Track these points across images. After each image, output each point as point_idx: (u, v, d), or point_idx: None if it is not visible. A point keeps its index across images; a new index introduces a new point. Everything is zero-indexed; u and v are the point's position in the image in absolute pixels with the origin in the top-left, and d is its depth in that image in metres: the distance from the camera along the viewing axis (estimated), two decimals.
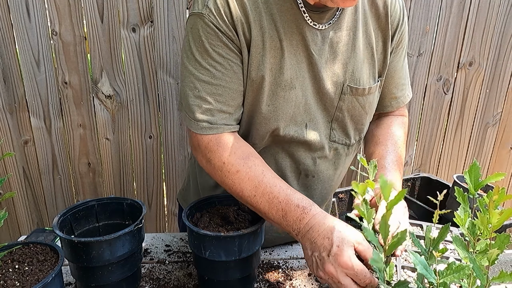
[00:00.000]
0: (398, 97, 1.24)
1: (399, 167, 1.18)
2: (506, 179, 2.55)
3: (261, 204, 0.98)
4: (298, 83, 1.04)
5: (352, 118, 1.15)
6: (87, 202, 1.12)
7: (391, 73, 1.20)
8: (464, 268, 0.70)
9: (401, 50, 1.19)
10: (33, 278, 0.86)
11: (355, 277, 0.85)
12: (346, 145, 1.19)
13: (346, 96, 1.10)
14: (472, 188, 0.88)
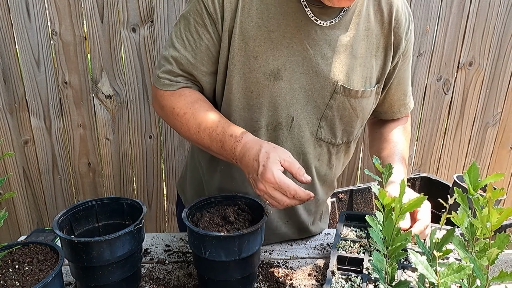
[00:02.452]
0: (407, 103, 1.29)
1: (405, 164, 1.22)
2: (506, 179, 2.55)
3: (204, 139, 1.06)
4: (286, 75, 1.06)
5: (341, 119, 1.15)
6: (87, 202, 1.12)
7: (400, 80, 1.22)
8: (465, 268, 0.70)
9: (408, 58, 1.20)
10: (33, 278, 0.86)
11: (281, 189, 0.92)
12: (331, 144, 1.19)
13: (338, 96, 1.10)
14: (471, 189, 0.88)
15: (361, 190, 1.97)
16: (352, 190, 1.96)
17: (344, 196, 1.96)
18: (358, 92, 1.11)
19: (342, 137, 1.19)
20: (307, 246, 1.29)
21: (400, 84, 1.23)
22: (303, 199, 0.93)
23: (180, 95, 1.11)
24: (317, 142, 1.17)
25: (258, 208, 1.10)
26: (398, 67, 1.18)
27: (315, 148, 1.18)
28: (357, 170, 2.38)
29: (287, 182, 0.92)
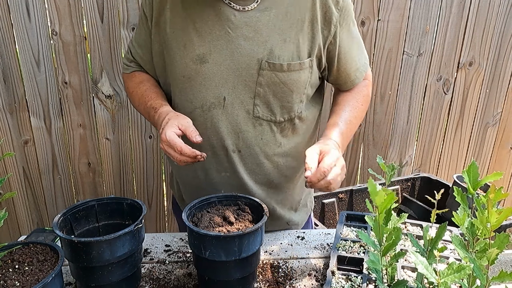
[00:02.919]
0: (359, 67, 1.29)
1: (351, 125, 1.28)
2: (506, 179, 2.55)
3: (143, 112, 1.28)
4: (212, 58, 1.16)
5: (275, 95, 1.19)
6: (87, 202, 1.12)
7: (347, 49, 1.24)
8: (465, 268, 0.70)
9: (346, 26, 1.21)
10: (33, 278, 0.86)
11: (171, 146, 1.07)
12: (272, 122, 1.22)
13: (264, 72, 1.15)
14: (471, 188, 0.88)
15: (361, 190, 1.97)
16: (352, 190, 1.96)
17: (344, 196, 1.96)
18: (283, 65, 1.15)
19: (282, 114, 1.21)
20: (307, 246, 1.29)
21: (348, 52, 1.25)
22: (189, 155, 1.06)
23: (132, 76, 1.33)
24: (256, 121, 1.21)
25: (258, 208, 1.10)
26: (339, 37, 1.20)
27: (254, 127, 1.21)
28: (357, 170, 2.38)
29: (174, 140, 1.06)
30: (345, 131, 1.23)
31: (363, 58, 1.31)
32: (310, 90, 1.25)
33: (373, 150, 2.34)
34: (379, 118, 2.26)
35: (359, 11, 2.05)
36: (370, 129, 2.29)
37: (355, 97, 1.32)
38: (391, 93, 2.22)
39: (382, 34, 2.10)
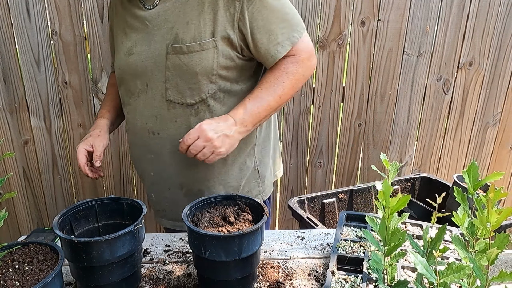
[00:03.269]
0: (281, 41, 1.22)
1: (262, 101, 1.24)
2: (506, 179, 2.55)
3: None
4: (136, 50, 1.29)
5: (181, 77, 1.24)
6: (87, 202, 1.12)
7: (260, 23, 1.20)
8: (465, 268, 0.70)
9: (255, 4, 1.18)
10: (33, 278, 0.86)
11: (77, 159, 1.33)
12: (185, 105, 1.27)
13: (170, 56, 1.23)
14: (471, 188, 0.88)
15: (361, 190, 1.97)
16: (352, 190, 1.96)
17: (344, 196, 1.96)
18: (183, 47, 1.21)
19: (192, 96, 1.26)
20: (307, 246, 1.29)
21: (264, 26, 1.20)
22: (84, 173, 1.32)
23: (111, 77, 1.56)
24: (170, 104, 1.28)
25: (258, 208, 1.10)
26: (247, 12, 1.18)
27: (169, 110, 1.29)
28: (357, 170, 2.38)
29: (78, 156, 1.31)
30: (250, 108, 1.23)
31: (289, 32, 1.23)
32: (223, 71, 1.25)
33: (373, 150, 2.34)
34: (379, 118, 2.26)
35: (359, 11, 2.05)
36: (370, 129, 2.29)
37: (275, 74, 1.25)
38: (391, 93, 2.22)
39: (382, 34, 2.10)
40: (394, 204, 0.86)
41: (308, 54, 1.28)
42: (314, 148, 2.29)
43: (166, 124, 1.30)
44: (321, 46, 2.09)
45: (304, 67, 1.27)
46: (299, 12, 2.00)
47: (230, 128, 1.21)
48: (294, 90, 1.28)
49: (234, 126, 1.21)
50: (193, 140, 1.19)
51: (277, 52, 1.23)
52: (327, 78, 2.15)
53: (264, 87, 1.25)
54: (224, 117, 1.22)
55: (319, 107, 2.21)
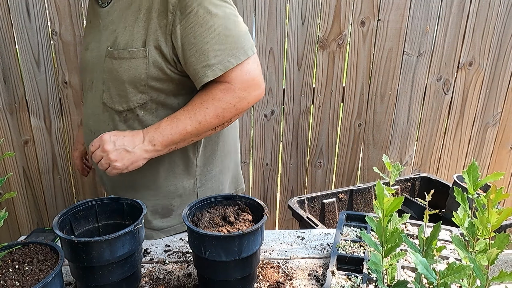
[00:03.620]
0: (212, 64, 1.11)
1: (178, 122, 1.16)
2: (506, 179, 2.55)
3: None
4: (91, 47, 1.28)
5: (113, 82, 1.22)
6: (87, 202, 1.12)
7: (191, 40, 1.11)
8: (465, 268, 0.70)
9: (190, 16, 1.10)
10: (33, 278, 0.86)
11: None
12: (114, 110, 1.25)
13: (107, 59, 1.21)
14: (471, 188, 0.88)
15: (361, 190, 1.97)
16: (352, 190, 1.96)
17: (344, 196, 1.96)
18: (114, 52, 1.18)
19: (120, 103, 1.23)
20: (307, 246, 1.29)
21: (196, 44, 1.11)
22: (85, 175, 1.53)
23: None
24: (104, 107, 1.26)
25: (258, 208, 1.10)
26: (180, 26, 1.11)
27: (103, 112, 1.27)
28: (357, 170, 2.38)
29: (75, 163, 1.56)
30: (164, 127, 1.16)
31: (225, 55, 1.11)
32: (155, 82, 1.18)
33: (373, 150, 2.34)
34: (379, 118, 2.26)
35: (359, 11, 2.05)
36: (370, 129, 2.29)
37: (202, 97, 1.16)
38: (391, 93, 2.22)
39: (382, 34, 2.10)
40: (388, 206, 0.86)
41: (244, 85, 1.14)
42: (314, 148, 2.29)
43: (100, 125, 1.28)
44: (321, 46, 2.09)
45: (236, 98, 1.14)
46: (299, 12, 2.00)
47: (133, 144, 1.15)
48: (219, 120, 1.16)
49: (140, 143, 1.16)
50: (94, 148, 1.18)
51: (204, 75, 1.12)
52: (327, 78, 2.15)
53: (186, 109, 1.16)
54: (136, 132, 1.18)
55: (319, 107, 2.21)
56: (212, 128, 1.19)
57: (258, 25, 2.02)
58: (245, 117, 2.17)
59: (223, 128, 1.24)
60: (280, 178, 2.35)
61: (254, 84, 1.16)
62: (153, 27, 1.13)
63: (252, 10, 1.99)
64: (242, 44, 1.13)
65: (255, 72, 1.16)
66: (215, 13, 1.11)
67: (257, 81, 1.17)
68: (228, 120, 1.18)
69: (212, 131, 1.20)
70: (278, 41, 2.05)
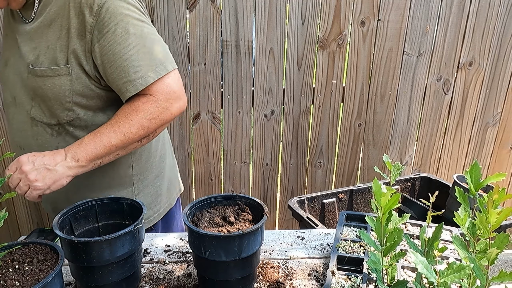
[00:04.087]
0: (133, 79, 1.15)
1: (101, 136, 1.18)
2: (506, 179, 2.55)
3: None
4: (10, 63, 1.28)
5: (41, 98, 1.22)
6: (87, 202, 1.12)
7: (111, 57, 1.15)
8: (465, 268, 0.70)
9: (109, 33, 1.13)
10: (33, 278, 0.86)
11: None
12: (46, 124, 1.26)
13: (30, 76, 1.21)
14: (473, 188, 0.88)
15: (361, 190, 1.97)
16: (352, 190, 1.96)
17: (344, 196, 1.96)
18: (37, 70, 1.19)
19: (50, 117, 1.24)
20: (307, 246, 1.29)
21: (115, 62, 1.15)
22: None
23: None
24: (33, 121, 1.26)
25: (258, 208, 1.10)
26: (98, 45, 1.14)
27: (31, 127, 1.27)
28: (357, 170, 2.38)
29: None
30: (87, 143, 1.17)
31: (145, 71, 1.16)
32: (81, 99, 1.21)
33: (373, 150, 2.34)
34: (379, 118, 2.26)
35: (359, 11, 2.05)
36: (370, 129, 2.29)
37: (125, 110, 1.19)
38: (391, 93, 2.22)
39: (382, 34, 2.10)
40: (386, 203, 0.86)
41: (166, 96, 1.19)
42: (314, 148, 2.29)
43: (29, 141, 1.28)
44: (321, 46, 2.09)
45: (159, 109, 1.18)
46: (299, 12, 2.01)
47: (54, 162, 1.14)
48: (144, 131, 1.19)
49: (62, 161, 1.15)
50: (11, 172, 1.14)
51: (126, 90, 1.17)
52: (327, 78, 2.15)
53: (110, 123, 1.18)
54: (57, 151, 1.18)
55: (319, 107, 2.21)
56: (137, 140, 1.21)
57: (258, 25, 2.02)
58: (245, 117, 2.17)
59: (148, 141, 1.25)
60: (280, 178, 2.35)
61: (176, 97, 1.21)
62: (73, 45, 1.16)
63: (252, 10, 1.99)
64: (162, 60, 1.19)
65: (176, 86, 1.21)
66: (133, 32, 1.15)
67: (178, 94, 1.22)
68: (153, 131, 1.21)
69: (138, 144, 1.22)
70: (278, 41, 2.05)
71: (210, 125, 2.17)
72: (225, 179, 2.30)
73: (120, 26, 1.14)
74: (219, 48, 2.03)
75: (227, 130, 2.19)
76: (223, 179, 2.30)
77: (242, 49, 2.04)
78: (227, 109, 2.15)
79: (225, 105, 2.14)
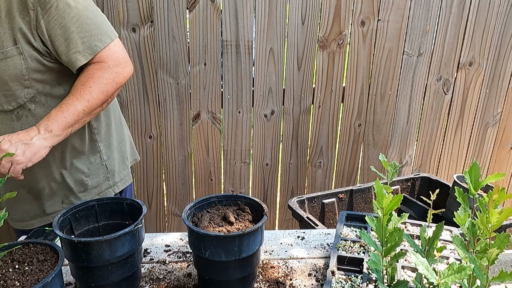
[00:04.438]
0: (81, 50, 1.24)
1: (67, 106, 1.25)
2: (506, 179, 2.55)
3: None
4: None
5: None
6: (87, 202, 1.12)
7: (56, 32, 1.21)
8: (465, 268, 0.70)
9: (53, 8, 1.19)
10: (33, 278, 0.86)
11: None
12: (3, 111, 1.26)
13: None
14: (472, 188, 0.88)
15: (361, 190, 1.97)
16: (352, 190, 1.96)
17: (344, 196, 1.96)
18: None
19: (9, 102, 1.26)
20: (307, 246, 1.29)
21: (62, 35, 1.21)
22: None
23: None
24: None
25: (258, 208, 1.10)
26: (43, 20, 1.19)
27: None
28: (357, 170, 2.38)
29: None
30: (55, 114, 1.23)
31: (91, 41, 1.25)
32: (37, 74, 1.25)
33: (373, 150, 2.34)
34: (379, 118, 2.26)
35: (359, 11, 2.05)
36: (370, 129, 2.29)
37: (81, 80, 1.27)
38: (391, 93, 2.22)
39: (382, 34, 2.10)
40: (387, 204, 0.86)
41: (116, 62, 1.30)
42: (314, 148, 2.29)
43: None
44: (321, 46, 2.09)
45: (112, 73, 1.29)
46: (299, 12, 2.01)
47: (29, 137, 1.19)
48: (104, 95, 1.29)
49: (36, 134, 1.20)
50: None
51: (77, 60, 1.24)
52: (327, 78, 2.15)
53: (72, 94, 1.26)
54: (30, 128, 1.22)
55: (319, 107, 2.21)
56: (99, 105, 1.30)
57: (258, 25, 2.02)
58: (245, 117, 2.17)
59: (108, 104, 1.36)
60: (280, 178, 2.35)
61: (124, 62, 1.33)
62: (18, 25, 1.19)
63: (252, 10, 1.99)
64: (105, 30, 1.28)
65: (122, 52, 1.33)
66: (74, 5, 1.22)
67: (126, 59, 1.34)
68: (111, 94, 1.32)
69: (100, 108, 1.31)
70: (278, 41, 2.05)
71: (210, 125, 2.17)
72: (225, 179, 2.30)
73: (61, 1, 1.20)
74: (219, 48, 2.03)
75: (227, 130, 2.19)
76: (223, 179, 2.30)
77: (242, 49, 2.04)
78: (227, 109, 2.15)
79: (225, 105, 2.14)
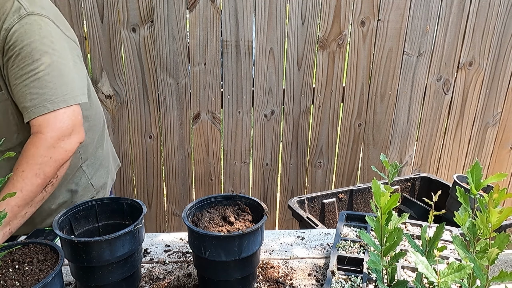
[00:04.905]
0: (28, 107, 1.12)
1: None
2: (506, 179, 2.55)
3: None
4: None
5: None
6: (87, 202, 1.12)
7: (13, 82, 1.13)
8: (465, 267, 0.70)
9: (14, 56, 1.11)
10: (33, 278, 0.86)
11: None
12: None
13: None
14: (474, 188, 0.88)
15: (361, 190, 1.97)
16: (352, 190, 1.96)
17: (344, 196, 1.96)
18: None
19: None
20: (307, 246, 1.29)
21: (16, 85, 1.12)
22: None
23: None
24: None
25: (258, 208, 1.10)
26: (6, 67, 1.13)
27: None
28: (357, 170, 2.38)
29: None
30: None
31: (40, 101, 1.11)
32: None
33: (373, 150, 2.34)
34: (379, 118, 2.26)
35: (359, 11, 2.05)
36: (370, 129, 2.29)
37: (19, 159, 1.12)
38: (391, 93, 2.22)
39: (382, 34, 2.10)
40: (385, 203, 0.86)
41: (57, 133, 1.12)
42: (314, 148, 2.29)
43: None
44: (321, 46, 2.09)
45: (49, 150, 1.10)
46: (299, 12, 2.00)
47: None
48: (42, 178, 1.10)
49: None
50: None
51: (25, 116, 1.13)
52: (327, 78, 2.15)
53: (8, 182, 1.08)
54: None
55: (319, 107, 2.21)
56: (39, 191, 1.11)
57: (258, 25, 2.02)
58: (245, 117, 2.17)
59: (54, 188, 1.17)
60: (280, 178, 2.35)
61: (70, 133, 1.15)
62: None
63: (252, 10, 1.99)
64: (64, 92, 1.14)
65: (70, 120, 1.15)
66: (37, 58, 1.11)
67: (73, 129, 1.15)
68: (52, 175, 1.12)
69: (44, 194, 1.13)
70: (278, 41, 2.05)
71: (210, 125, 2.17)
72: (225, 179, 2.30)
73: (24, 51, 1.10)
74: (219, 48, 2.03)
75: (227, 130, 2.19)
76: (223, 179, 2.30)
77: (242, 49, 2.04)
78: (227, 109, 2.15)
79: (225, 105, 2.14)
